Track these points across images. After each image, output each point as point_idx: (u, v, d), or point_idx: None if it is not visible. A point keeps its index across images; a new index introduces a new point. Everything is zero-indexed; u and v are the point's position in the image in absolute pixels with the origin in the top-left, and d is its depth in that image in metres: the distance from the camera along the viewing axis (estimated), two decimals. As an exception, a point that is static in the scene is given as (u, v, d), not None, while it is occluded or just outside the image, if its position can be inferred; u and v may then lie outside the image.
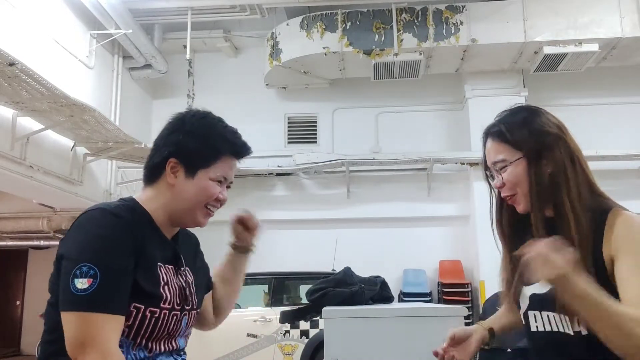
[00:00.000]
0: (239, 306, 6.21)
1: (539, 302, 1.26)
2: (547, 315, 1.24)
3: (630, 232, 1.15)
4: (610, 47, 6.93)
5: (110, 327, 1.10)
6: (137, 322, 1.17)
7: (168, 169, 1.29)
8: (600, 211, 1.19)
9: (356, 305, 2.53)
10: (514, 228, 1.35)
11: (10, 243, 8.96)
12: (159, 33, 7.79)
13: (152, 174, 1.33)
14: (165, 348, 1.25)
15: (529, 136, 1.25)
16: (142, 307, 1.17)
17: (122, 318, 1.13)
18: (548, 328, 1.24)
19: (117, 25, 6.69)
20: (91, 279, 1.09)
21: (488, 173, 1.36)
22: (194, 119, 1.33)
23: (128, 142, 6.12)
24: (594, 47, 6.74)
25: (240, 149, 1.34)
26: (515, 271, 1.31)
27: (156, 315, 1.19)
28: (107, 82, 7.34)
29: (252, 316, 5.75)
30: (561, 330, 1.21)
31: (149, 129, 8.33)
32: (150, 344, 1.21)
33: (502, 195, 1.30)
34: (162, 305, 1.20)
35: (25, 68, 4.45)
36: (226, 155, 1.31)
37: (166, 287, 1.23)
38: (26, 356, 9.87)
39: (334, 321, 2.27)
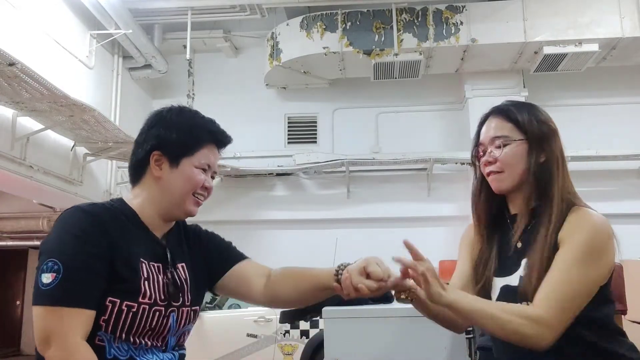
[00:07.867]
0: (238, 306, 6.22)
1: (510, 294, 1.29)
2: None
3: (577, 227, 1.22)
4: (610, 47, 6.92)
5: (74, 320, 1.11)
6: (114, 316, 1.17)
7: (152, 162, 1.31)
8: (568, 205, 1.27)
9: (356, 305, 2.53)
10: (489, 206, 1.42)
11: (10, 243, 8.95)
12: (159, 33, 7.78)
13: (137, 171, 1.35)
14: (152, 344, 1.25)
15: (536, 124, 1.33)
16: (118, 301, 1.18)
17: (89, 312, 1.14)
18: None
19: (117, 25, 6.69)
20: (54, 274, 1.11)
21: (478, 150, 1.41)
22: (172, 112, 1.38)
23: (128, 142, 6.12)
24: (594, 47, 6.73)
25: (220, 136, 1.38)
26: (487, 252, 1.38)
27: (134, 310, 1.19)
28: (107, 82, 7.34)
29: (252, 316, 5.76)
30: None
31: (149, 129, 8.33)
32: (132, 338, 1.21)
33: (487, 170, 1.36)
34: (140, 300, 1.20)
35: (25, 68, 4.44)
36: (208, 143, 1.35)
37: (146, 282, 1.23)
38: (26, 356, 9.87)
39: (334, 321, 2.28)
